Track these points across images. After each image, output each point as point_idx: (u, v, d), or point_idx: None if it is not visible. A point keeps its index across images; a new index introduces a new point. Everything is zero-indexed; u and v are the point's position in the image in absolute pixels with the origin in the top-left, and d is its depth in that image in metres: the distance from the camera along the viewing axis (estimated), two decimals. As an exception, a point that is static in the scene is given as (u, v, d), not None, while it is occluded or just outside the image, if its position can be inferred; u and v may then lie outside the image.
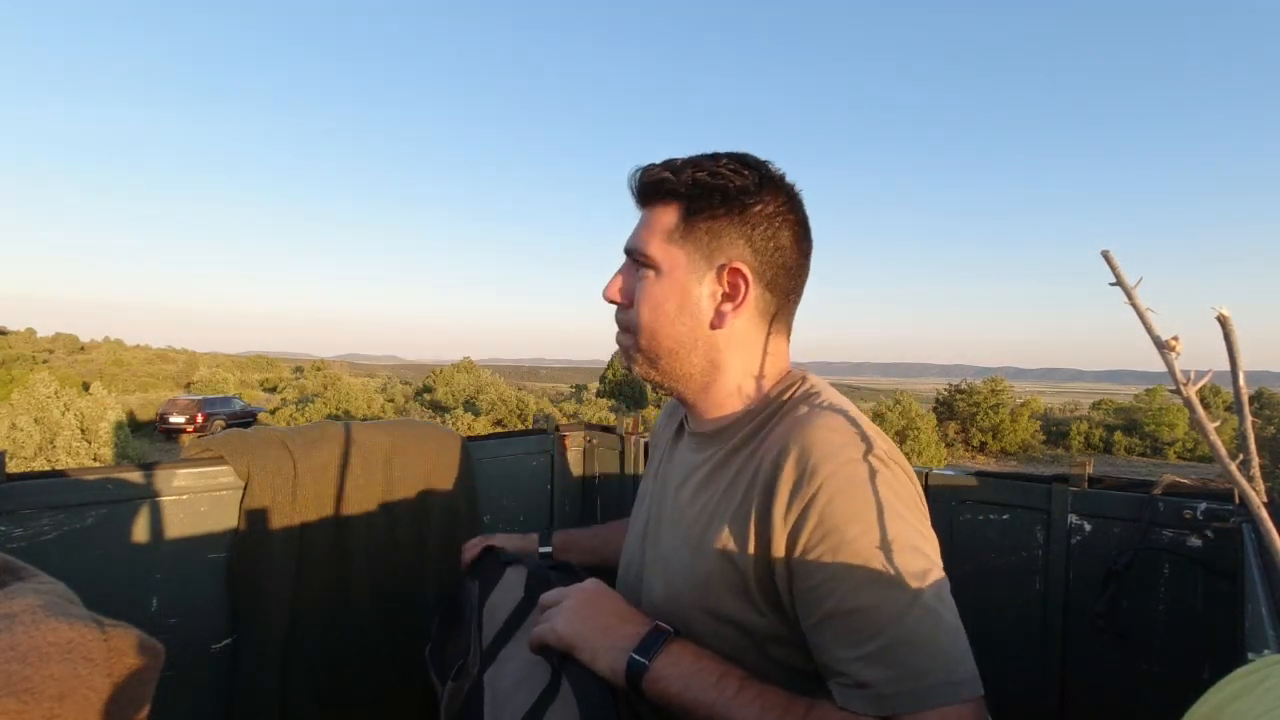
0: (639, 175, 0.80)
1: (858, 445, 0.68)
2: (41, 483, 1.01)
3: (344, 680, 1.26)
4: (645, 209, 0.81)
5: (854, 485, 0.65)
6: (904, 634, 0.60)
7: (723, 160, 0.77)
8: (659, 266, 0.78)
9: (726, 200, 0.75)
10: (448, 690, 0.87)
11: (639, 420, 1.78)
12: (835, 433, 0.68)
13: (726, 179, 0.75)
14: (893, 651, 0.60)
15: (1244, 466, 0.39)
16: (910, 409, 22.29)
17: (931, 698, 0.59)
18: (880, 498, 0.65)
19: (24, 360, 33.78)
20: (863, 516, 0.64)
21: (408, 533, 1.37)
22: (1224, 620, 0.97)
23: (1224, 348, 0.38)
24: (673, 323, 0.78)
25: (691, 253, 0.77)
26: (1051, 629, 1.10)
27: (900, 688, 0.60)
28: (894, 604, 0.61)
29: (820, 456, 0.66)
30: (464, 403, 27.38)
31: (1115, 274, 0.42)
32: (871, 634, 0.61)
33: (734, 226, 0.76)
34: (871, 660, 0.61)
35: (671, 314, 0.77)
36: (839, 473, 0.65)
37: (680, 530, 0.78)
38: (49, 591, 0.43)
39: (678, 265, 0.77)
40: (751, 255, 0.76)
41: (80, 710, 0.38)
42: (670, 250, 0.77)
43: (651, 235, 0.78)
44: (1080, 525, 1.09)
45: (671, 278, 0.77)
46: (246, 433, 1.25)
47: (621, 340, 0.84)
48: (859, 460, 0.66)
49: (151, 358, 49.48)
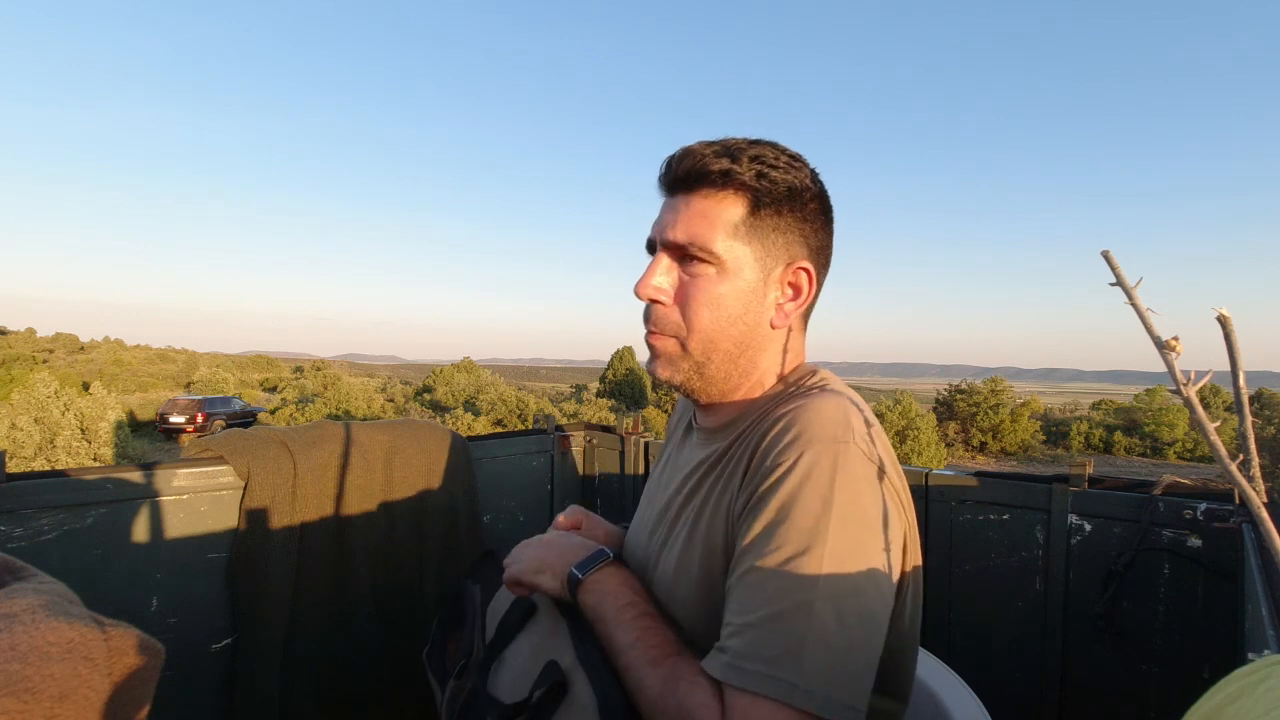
0: (689, 159, 0.73)
1: (848, 432, 0.64)
2: (41, 483, 1.01)
3: (343, 679, 1.26)
4: (690, 196, 0.73)
5: (818, 470, 0.61)
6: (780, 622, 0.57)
7: (780, 152, 0.73)
8: (723, 263, 0.72)
9: (792, 198, 0.73)
10: (449, 688, 0.86)
11: (639, 420, 1.78)
12: (830, 415, 0.65)
13: (793, 175, 0.72)
14: (760, 629, 0.58)
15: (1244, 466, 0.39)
16: (910, 409, 22.28)
17: (762, 684, 0.56)
18: (849, 493, 0.61)
19: (24, 360, 33.77)
20: (808, 502, 0.60)
21: (407, 532, 1.37)
22: (1224, 620, 0.96)
23: (1224, 348, 0.38)
24: (734, 323, 0.74)
25: (758, 250, 0.73)
26: (1051, 629, 1.10)
27: (743, 663, 0.57)
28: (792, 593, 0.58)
29: (795, 436, 0.63)
30: (464, 403, 27.38)
31: (1115, 274, 0.42)
32: (755, 609, 0.59)
33: (797, 224, 0.74)
34: (740, 631, 0.59)
35: (735, 314, 0.73)
36: (806, 455, 0.62)
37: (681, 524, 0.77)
38: (49, 591, 0.43)
39: (743, 263, 0.72)
40: (808, 253, 0.75)
41: (80, 710, 0.38)
42: (734, 246, 0.72)
43: (713, 229, 0.71)
44: (1080, 525, 1.09)
45: (737, 276, 0.72)
46: (246, 433, 1.25)
47: (659, 343, 0.76)
48: (836, 449, 0.62)
49: (151, 358, 49.47)
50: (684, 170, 0.73)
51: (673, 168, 0.74)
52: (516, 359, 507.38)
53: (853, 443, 0.63)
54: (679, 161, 0.74)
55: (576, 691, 0.69)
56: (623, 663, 0.66)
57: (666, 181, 0.76)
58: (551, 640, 0.78)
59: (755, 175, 0.71)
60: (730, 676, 0.58)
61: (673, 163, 0.74)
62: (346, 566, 1.27)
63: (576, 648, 0.73)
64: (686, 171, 0.73)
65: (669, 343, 0.76)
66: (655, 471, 0.96)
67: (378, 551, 1.32)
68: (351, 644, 1.27)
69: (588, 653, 0.72)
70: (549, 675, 0.72)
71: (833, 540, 0.59)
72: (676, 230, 0.73)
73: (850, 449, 0.63)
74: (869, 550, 0.61)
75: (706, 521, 0.71)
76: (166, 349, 57.42)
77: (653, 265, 0.75)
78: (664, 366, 0.77)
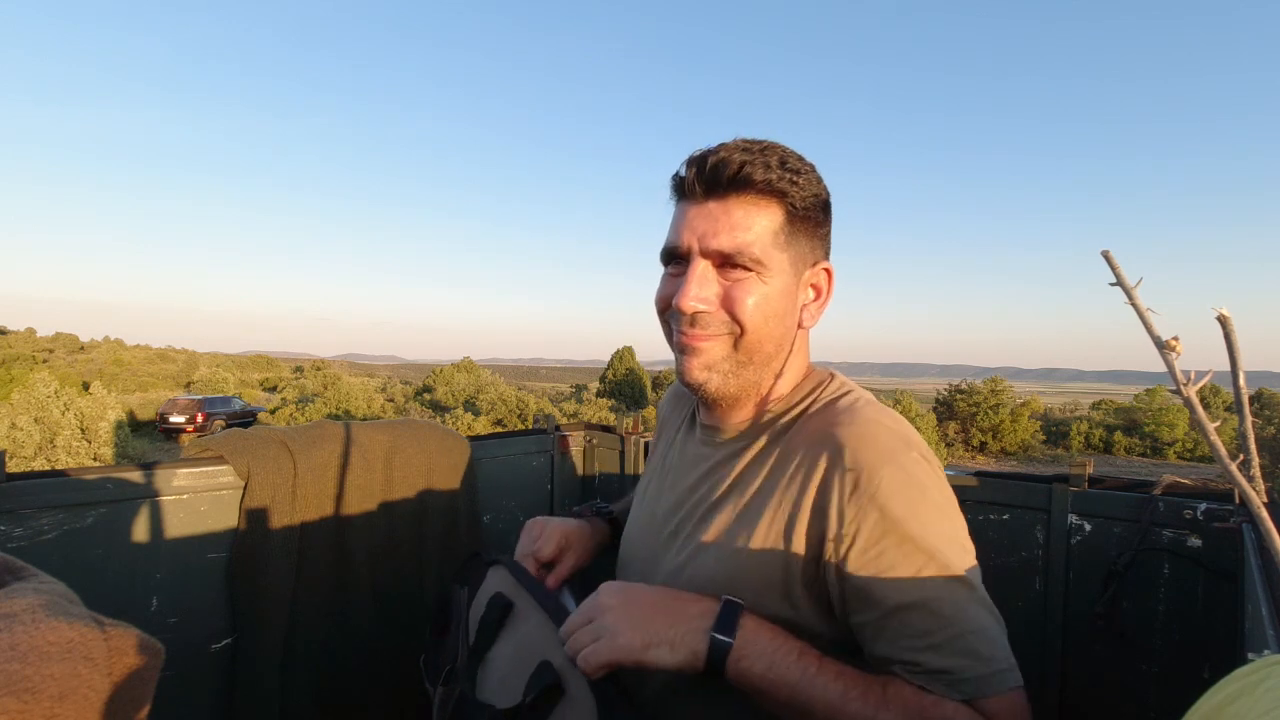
0: (725, 165, 0.71)
1: (907, 443, 0.70)
2: (41, 483, 1.01)
3: (343, 679, 1.26)
4: (726, 202, 0.73)
5: (911, 482, 0.67)
6: (970, 624, 0.64)
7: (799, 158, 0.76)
8: (766, 269, 0.73)
9: (818, 204, 0.77)
10: (439, 695, 0.85)
11: (639, 420, 1.78)
12: (885, 431, 0.70)
13: (819, 184, 0.76)
14: (964, 639, 0.63)
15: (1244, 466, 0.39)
16: (910, 409, 22.27)
17: (1000, 682, 0.63)
18: (933, 495, 0.68)
19: (24, 360, 33.78)
20: (921, 513, 0.66)
21: (408, 532, 1.37)
22: (1224, 620, 0.97)
23: (1224, 348, 0.38)
24: (778, 324, 0.76)
25: (793, 255, 0.76)
26: (1051, 629, 1.10)
27: (975, 672, 0.63)
28: (957, 596, 0.64)
29: (876, 455, 0.67)
30: (464, 403, 27.37)
31: (1115, 274, 0.42)
32: (940, 624, 0.63)
33: (821, 228, 0.78)
34: (942, 649, 0.63)
35: (779, 314, 0.76)
36: (895, 470, 0.67)
37: (705, 528, 0.77)
38: (49, 591, 0.43)
39: (784, 269, 0.75)
40: (827, 254, 0.80)
41: (80, 710, 0.38)
42: (775, 254, 0.74)
43: (759, 237, 0.72)
44: (1080, 525, 1.09)
45: (781, 280, 0.75)
46: (246, 432, 1.25)
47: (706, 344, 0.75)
48: (912, 457, 0.68)
49: (151, 358, 49.48)
50: (722, 175, 0.72)
51: (706, 172, 0.72)
52: (516, 359, 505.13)
53: (916, 449, 0.70)
54: (714, 166, 0.72)
55: (573, 692, 0.68)
56: (848, 716, 0.62)
57: (700, 185, 0.73)
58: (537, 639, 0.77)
59: (790, 183, 0.73)
60: (980, 689, 0.63)
61: (705, 166, 0.72)
62: (347, 566, 1.27)
63: None
64: (726, 177, 0.72)
65: (717, 343, 0.75)
66: (652, 466, 0.96)
67: (378, 551, 1.32)
68: (352, 644, 1.27)
69: None
70: (543, 677, 0.71)
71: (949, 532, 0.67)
72: (721, 239, 0.72)
73: (916, 457, 0.69)
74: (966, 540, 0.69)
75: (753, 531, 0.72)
76: (166, 349, 57.43)
77: (692, 274, 0.73)
78: (702, 368, 0.76)
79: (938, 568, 0.65)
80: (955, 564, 0.66)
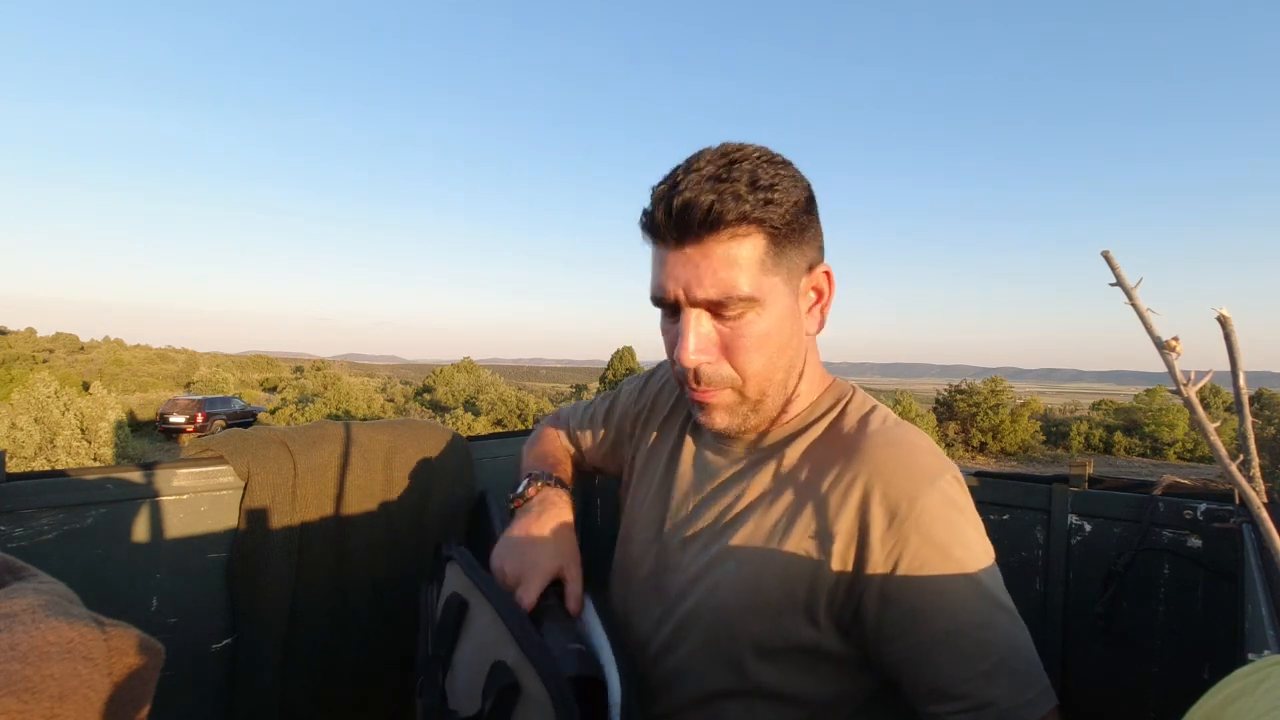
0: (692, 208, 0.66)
1: (942, 465, 0.70)
2: (41, 483, 1.01)
3: (344, 680, 1.26)
4: (703, 245, 0.67)
5: (951, 506, 0.67)
6: (1013, 648, 0.64)
7: (772, 165, 0.69)
8: (759, 302, 0.69)
9: (801, 213, 0.71)
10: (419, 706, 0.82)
11: (639, 420, 1.78)
12: (922, 454, 0.70)
13: (795, 189, 0.70)
14: (1007, 664, 0.63)
15: (1244, 466, 0.39)
16: (910, 409, 22.27)
17: (1043, 703, 0.63)
18: (970, 516, 0.68)
19: (24, 360, 33.77)
20: (962, 538, 0.66)
21: (408, 532, 1.37)
22: (1224, 620, 0.96)
23: (1224, 348, 0.38)
24: (783, 352, 0.73)
25: (785, 274, 0.71)
26: (1051, 629, 1.10)
27: (1020, 699, 0.62)
28: (1001, 620, 0.65)
29: (915, 480, 0.67)
30: (464, 403, 27.37)
31: (1115, 274, 0.42)
32: (986, 651, 0.63)
33: (809, 234, 0.73)
34: (991, 677, 0.63)
35: (782, 343, 0.73)
36: (935, 495, 0.67)
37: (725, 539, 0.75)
38: (49, 591, 0.43)
39: (778, 293, 0.71)
40: (821, 253, 0.76)
41: (80, 710, 0.38)
42: (764, 281, 0.69)
43: (740, 274, 0.67)
44: (1080, 525, 1.09)
45: (775, 306, 0.71)
46: (246, 432, 1.25)
47: (714, 399, 0.74)
48: (947, 480, 0.68)
49: (151, 358, 49.47)
50: (693, 220, 0.66)
51: (674, 217, 0.67)
52: (516, 359, 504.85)
53: (949, 471, 0.70)
54: (682, 211, 0.66)
55: (528, 690, 0.66)
56: None
57: (672, 233, 0.68)
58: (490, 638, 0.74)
59: (764, 203, 0.67)
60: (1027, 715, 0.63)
61: (673, 210, 0.67)
62: (347, 566, 1.27)
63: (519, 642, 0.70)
64: (697, 221, 0.66)
65: (724, 395, 0.73)
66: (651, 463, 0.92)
67: (378, 551, 1.32)
68: (352, 644, 1.27)
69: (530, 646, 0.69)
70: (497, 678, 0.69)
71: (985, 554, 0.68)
72: (706, 288, 0.68)
73: (950, 479, 0.69)
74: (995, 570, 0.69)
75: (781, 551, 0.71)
76: (166, 349, 57.43)
77: (686, 329, 0.70)
78: (722, 417, 0.75)
79: (981, 591, 0.65)
80: (994, 586, 0.66)
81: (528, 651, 0.69)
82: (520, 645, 0.70)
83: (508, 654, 0.70)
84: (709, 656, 0.73)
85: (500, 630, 0.72)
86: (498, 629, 0.73)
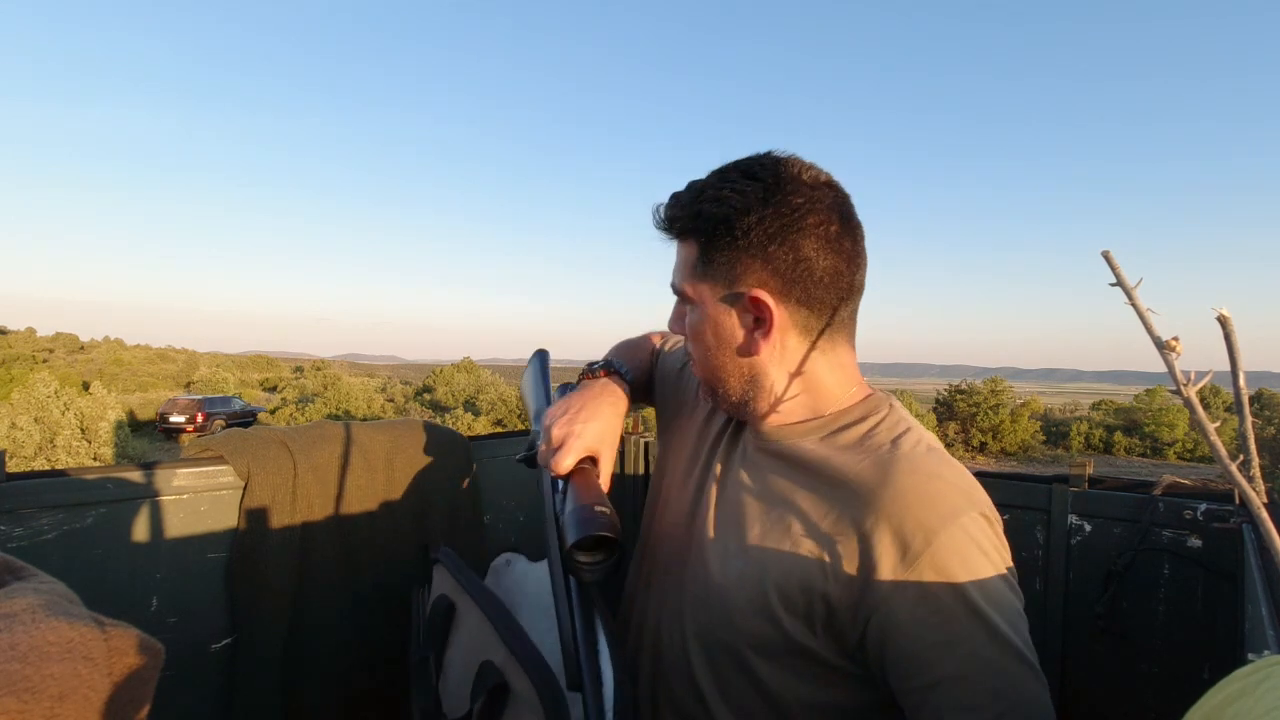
0: (658, 214, 0.81)
1: (970, 500, 0.66)
2: (41, 483, 1.01)
3: (344, 680, 1.26)
4: (676, 244, 0.82)
5: (971, 546, 0.64)
6: (1023, 700, 0.62)
7: (731, 179, 0.73)
8: (693, 301, 0.79)
9: (729, 228, 0.72)
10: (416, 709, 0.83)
11: (639, 420, 1.78)
12: (948, 487, 0.67)
13: (729, 203, 0.71)
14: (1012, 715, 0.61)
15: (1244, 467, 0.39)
16: (910, 409, 22.24)
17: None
18: (993, 557, 0.65)
19: (24, 360, 33.77)
20: (981, 579, 0.63)
21: (409, 531, 1.37)
22: (1224, 620, 0.96)
23: (1224, 348, 0.38)
24: (714, 353, 0.78)
25: (714, 285, 0.76)
26: (1051, 629, 1.10)
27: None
28: (1015, 670, 0.62)
29: (936, 515, 0.64)
30: (464, 403, 27.37)
31: (1115, 274, 0.42)
32: (991, 700, 0.61)
33: (746, 252, 0.72)
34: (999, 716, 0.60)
35: (711, 345, 0.78)
36: (956, 532, 0.64)
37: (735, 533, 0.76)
38: (49, 591, 0.43)
39: (706, 299, 0.77)
40: (771, 276, 0.72)
41: (80, 710, 0.38)
42: (698, 286, 0.77)
43: (681, 272, 0.80)
44: (1080, 525, 1.09)
45: (705, 311, 0.78)
46: (246, 432, 1.25)
47: (697, 374, 0.85)
48: (972, 517, 0.65)
49: (151, 358, 49.47)
50: (666, 224, 0.81)
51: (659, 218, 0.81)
52: (517, 359, 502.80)
53: (978, 507, 0.67)
54: (656, 218, 0.81)
55: (516, 689, 0.67)
56: None
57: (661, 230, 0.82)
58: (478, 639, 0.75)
59: (695, 216, 0.75)
60: None
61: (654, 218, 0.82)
62: (347, 566, 1.27)
63: (507, 643, 0.70)
64: (664, 223, 0.81)
65: (699, 371, 0.84)
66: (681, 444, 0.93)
67: (379, 551, 1.32)
68: (352, 644, 1.27)
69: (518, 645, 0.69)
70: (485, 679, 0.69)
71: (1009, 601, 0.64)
72: (673, 275, 0.82)
73: (976, 516, 0.66)
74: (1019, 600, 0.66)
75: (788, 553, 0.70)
76: (166, 349, 57.42)
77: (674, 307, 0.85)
78: (703, 393, 0.86)
79: (995, 636, 0.62)
80: (1013, 633, 0.63)
81: (516, 651, 0.69)
82: (508, 646, 0.70)
83: (496, 655, 0.70)
84: (708, 647, 0.74)
85: (488, 631, 0.73)
86: (485, 630, 0.74)
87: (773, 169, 0.73)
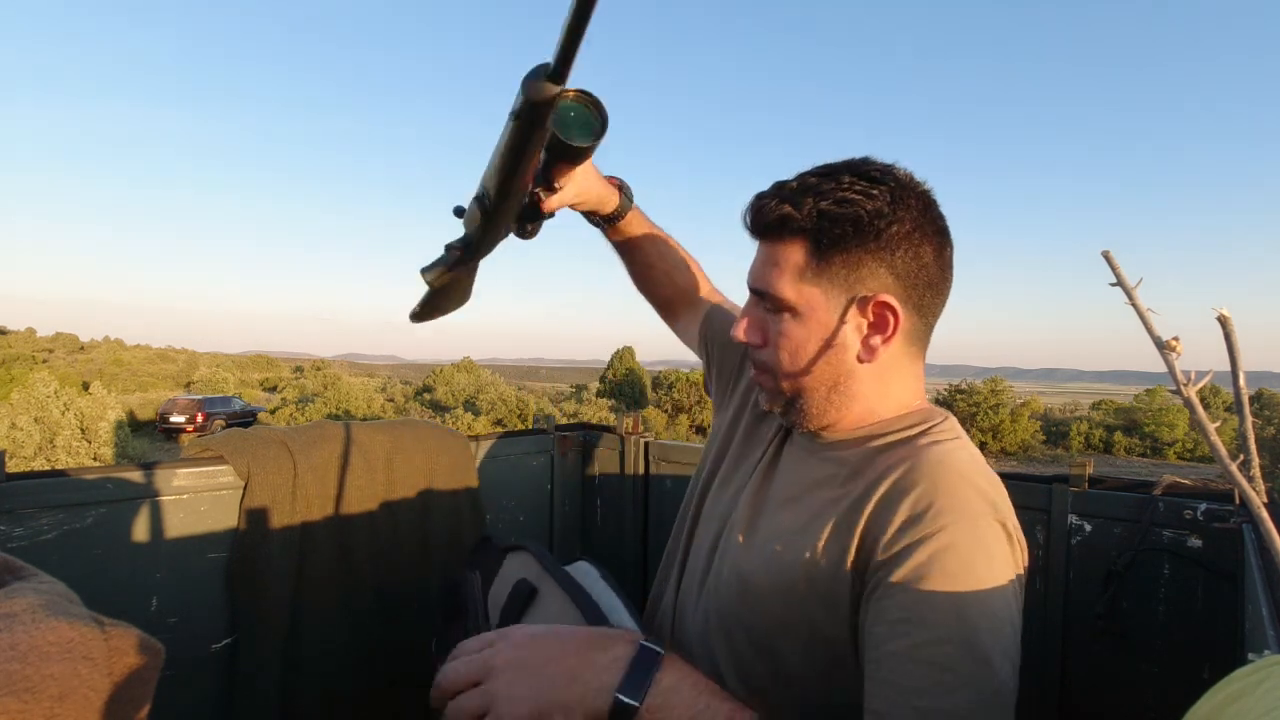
0: (753, 210, 0.75)
1: (993, 508, 0.64)
2: (41, 483, 1.01)
3: (345, 680, 1.26)
4: (765, 243, 0.75)
5: (978, 549, 0.61)
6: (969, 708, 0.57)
7: (846, 181, 0.70)
8: (795, 308, 0.73)
9: (860, 230, 0.69)
10: None
11: (639, 420, 1.78)
12: (972, 488, 0.64)
13: (856, 205, 0.69)
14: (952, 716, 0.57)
15: (1244, 467, 0.39)
16: (910, 409, 22.23)
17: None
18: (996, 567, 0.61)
19: (24, 360, 33.78)
20: (976, 584, 0.59)
21: (409, 533, 1.37)
22: (1224, 620, 0.96)
23: (1224, 348, 0.38)
24: (813, 364, 0.73)
25: (829, 289, 0.71)
26: (1051, 629, 1.10)
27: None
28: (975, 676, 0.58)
29: (952, 504, 0.62)
30: (464, 403, 27.37)
31: (1116, 274, 0.42)
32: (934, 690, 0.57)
33: (871, 255, 0.70)
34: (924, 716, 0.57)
35: (812, 355, 0.73)
36: (967, 525, 0.61)
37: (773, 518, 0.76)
38: (49, 591, 0.43)
39: (816, 305, 0.72)
40: (895, 282, 0.71)
41: (80, 710, 0.38)
42: (804, 290, 0.72)
43: (781, 275, 0.73)
44: (1080, 525, 1.09)
45: (811, 318, 0.72)
46: (246, 432, 1.25)
47: (760, 380, 0.80)
48: (989, 522, 0.63)
49: (151, 358, 49.49)
50: (753, 222, 0.76)
51: (745, 219, 0.77)
52: (517, 359, 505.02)
53: (1000, 517, 0.64)
54: (749, 213, 0.76)
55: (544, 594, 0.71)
56: None
57: (748, 228, 0.78)
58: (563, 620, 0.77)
59: (813, 216, 0.70)
60: None
61: (744, 214, 0.77)
62: (348, 566, 1.28)
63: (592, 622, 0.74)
64: (755, 223, 0.76)
65: (766, 379, 0.79)
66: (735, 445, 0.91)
67: (379, 551, 1.32)
68: (353, 644, 1.27)
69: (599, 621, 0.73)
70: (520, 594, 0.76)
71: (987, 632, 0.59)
72: (753, 277, 0.77)
73: (995, 524, 0.63)
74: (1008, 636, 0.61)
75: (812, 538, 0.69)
76: (166, 349, 57.43)
77: (744, 310, 0.80)
78: (765, 399, 0.81)
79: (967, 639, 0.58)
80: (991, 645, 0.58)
81: None
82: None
83: None
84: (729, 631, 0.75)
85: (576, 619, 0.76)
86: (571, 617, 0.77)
87: (889, 173, 0.72)
